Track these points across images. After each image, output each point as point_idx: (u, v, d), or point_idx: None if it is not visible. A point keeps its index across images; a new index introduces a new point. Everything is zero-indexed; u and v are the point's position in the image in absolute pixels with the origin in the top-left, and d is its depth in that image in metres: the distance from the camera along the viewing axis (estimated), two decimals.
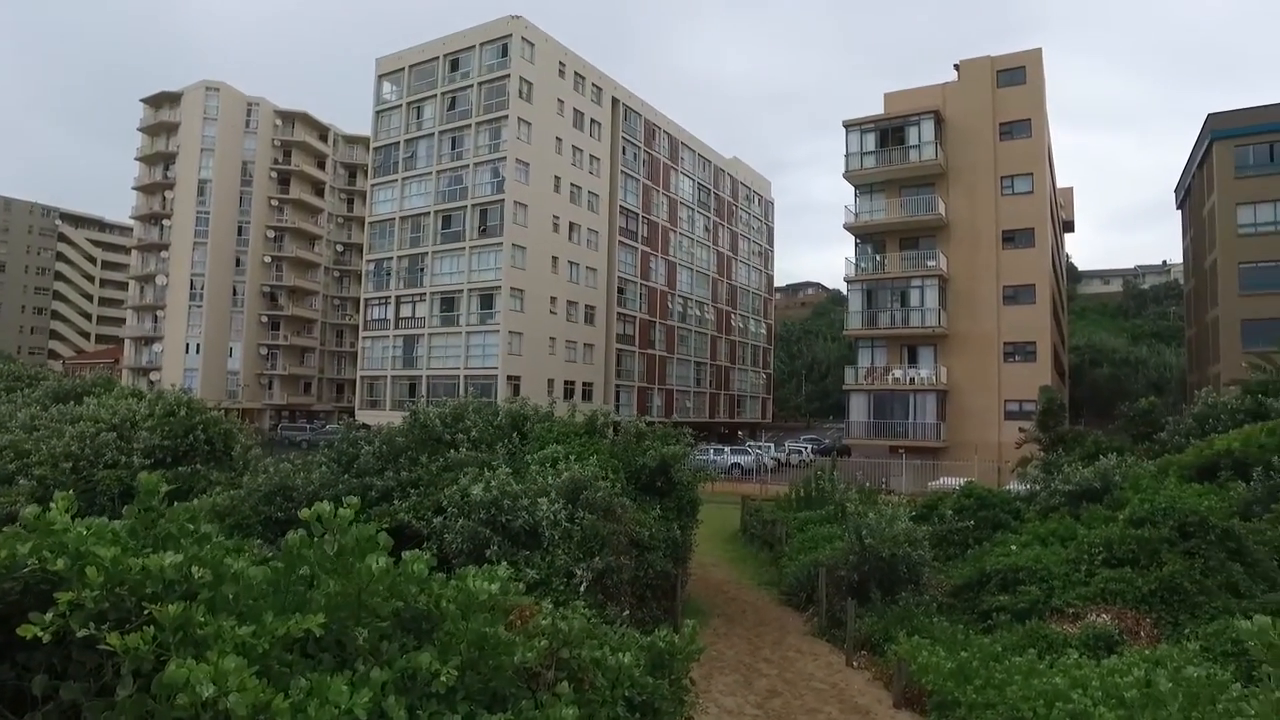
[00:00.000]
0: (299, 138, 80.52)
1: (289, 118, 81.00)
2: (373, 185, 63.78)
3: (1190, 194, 54.48)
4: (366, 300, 62.62)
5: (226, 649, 2.40)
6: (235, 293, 76.81)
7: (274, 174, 79.62)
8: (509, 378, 54.31)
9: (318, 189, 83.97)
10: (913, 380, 44.08)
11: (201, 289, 74.70)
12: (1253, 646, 3.38)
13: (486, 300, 55.95)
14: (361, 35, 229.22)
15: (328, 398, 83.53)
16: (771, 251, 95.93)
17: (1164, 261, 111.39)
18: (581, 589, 10.43)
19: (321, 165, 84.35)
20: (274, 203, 79.54)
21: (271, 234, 79.09)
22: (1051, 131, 50.36)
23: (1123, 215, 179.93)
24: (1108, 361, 75.21)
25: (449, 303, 57.65)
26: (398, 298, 60.03)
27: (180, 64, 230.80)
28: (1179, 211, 59.81)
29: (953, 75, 46.78)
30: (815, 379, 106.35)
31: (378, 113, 63.63)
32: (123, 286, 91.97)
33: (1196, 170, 50.97)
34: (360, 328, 63.95)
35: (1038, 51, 45.04)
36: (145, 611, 2.47)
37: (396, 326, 59.76)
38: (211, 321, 74.71)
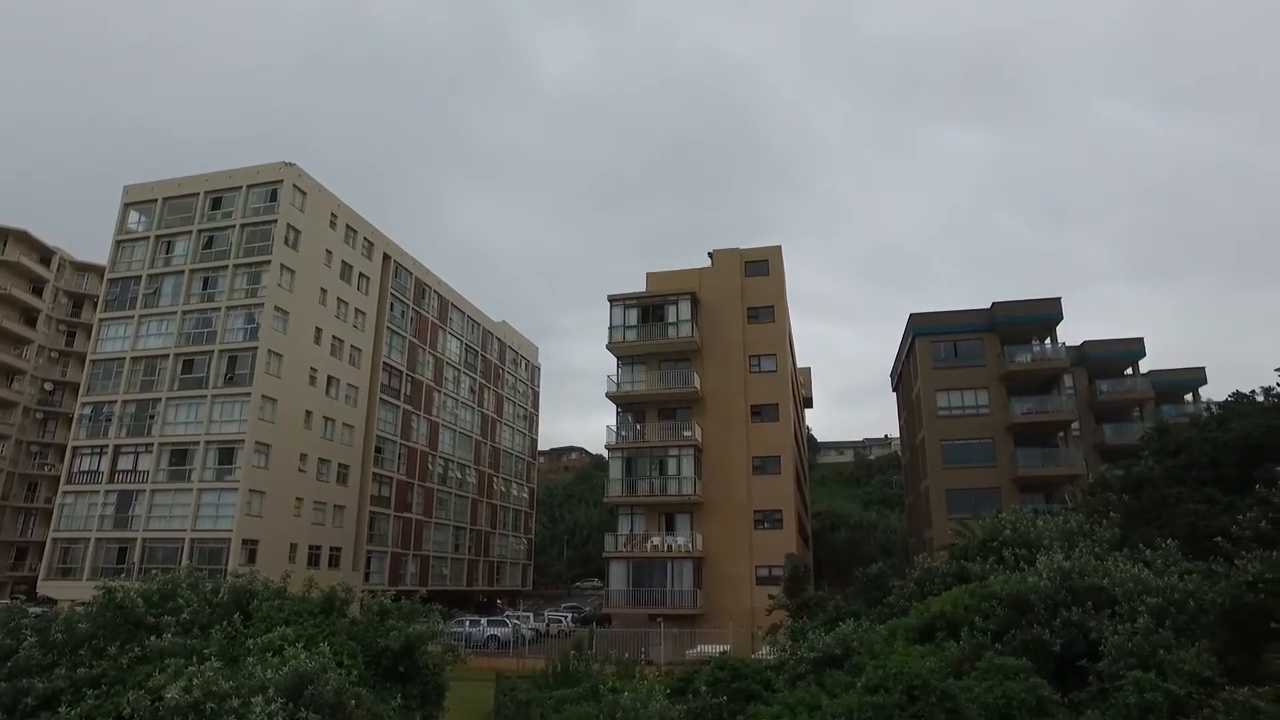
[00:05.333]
0: (11, 257, 70.83)
1: (1, 234, 71.45)
2: (102, 320, 56.96)
3: (902, 379, 63.10)
4: (76, 449, 53.99)
5: None
6: None
7: None
8: (245, 541, 48.57)
9: (29, 317, 73.49)
10: (670, 548, 45.10)
11: None
12: None
13: (226, 454, 50.56)
14: (123, 166, 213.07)
15: (1, 565, 69.37)
16: (536, 415, 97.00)
17: (886, 436, 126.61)
18: None
19: (39, 291, 74.41)
20: None
21: None
22: (791, 317, 56.65)
23: (851, 393, 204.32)
24: (845, 526, 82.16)
25: (181, 455, 51.32)
26: (117, 447, 52.53)
27: None
28: (895, 393, 68.78)
29: (707, 261, 51.81)
30: (577, 544, 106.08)
31: (118, 242, 57.99)
32: None
33: (905, 360, 59.40)
34: (62, 480, 54.62)
35: (778, 248, 51.32)
36: None
37: (111, 480, 51.84)
38: None
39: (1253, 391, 28.76)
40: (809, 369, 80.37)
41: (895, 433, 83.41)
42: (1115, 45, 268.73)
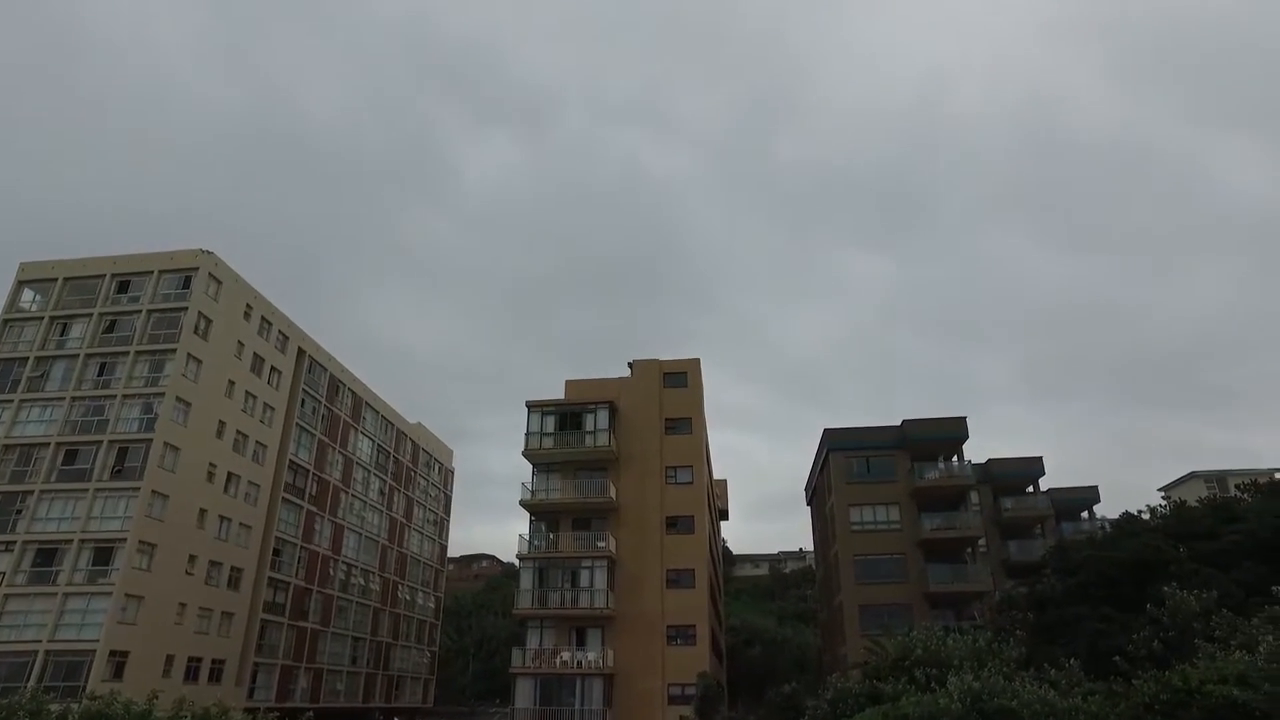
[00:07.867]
0: None
1: None
2: None
3: (816, 493, 63.84)
4: None
5: None
6: None
7: None
8: (113, 653, 44.15)
9: None
10: (580, 663, 43.26)
11: None
12: None
13: (103, 554, 46.48)
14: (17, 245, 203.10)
15: None
16: (448, 520, 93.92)
17: (800, 549, 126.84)
18: None
19: None
20: None
21: None
22: (708, 428, 57.13)
23: (766, 505, 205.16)
24: (760, 641, 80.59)
25: (49, 555, 46.80)
26: None
27: None
28: (809, 507, 69.40)
29: (626, 370, 52.17)
30: (484, 657, 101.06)
31: (5, 320, 54.35)
32: None
33: (820, 474, 60.30)
34: None
35: (696, 360, 52.15)
36: None
37: None
38: None
39: (1140, 511, 30.62)
40: (725, 481, 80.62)
41: (810, 546, 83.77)
42: (1005, 185, 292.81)
